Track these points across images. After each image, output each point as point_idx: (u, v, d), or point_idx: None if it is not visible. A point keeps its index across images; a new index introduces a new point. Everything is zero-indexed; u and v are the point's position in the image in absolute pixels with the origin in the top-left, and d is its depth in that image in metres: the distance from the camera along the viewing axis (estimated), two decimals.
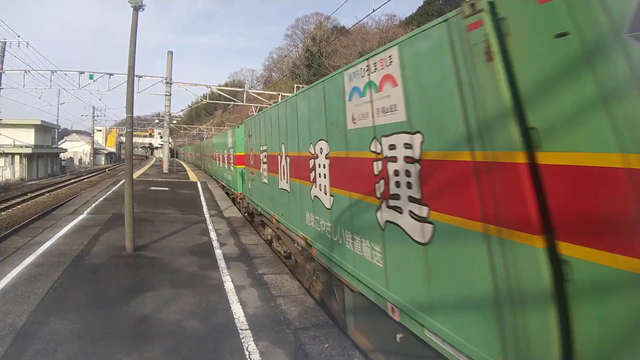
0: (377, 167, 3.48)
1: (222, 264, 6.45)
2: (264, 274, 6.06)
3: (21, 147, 30.69)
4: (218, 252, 7.11)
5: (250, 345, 3.84)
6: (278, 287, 5.48)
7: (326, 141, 4.67)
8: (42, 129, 35.29)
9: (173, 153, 54.44)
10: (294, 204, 6.17)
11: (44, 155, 35.47)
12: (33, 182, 28.75)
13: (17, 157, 30.52)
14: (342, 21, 59.73)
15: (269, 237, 8.51)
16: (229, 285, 5.47)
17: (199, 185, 18.72)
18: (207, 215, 10.93)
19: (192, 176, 24.63)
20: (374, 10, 13.14)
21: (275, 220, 7.25)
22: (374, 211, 3.54)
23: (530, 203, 2.05)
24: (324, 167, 4.77)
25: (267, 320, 4.43)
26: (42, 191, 21.39)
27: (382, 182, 3.42)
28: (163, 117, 28.56)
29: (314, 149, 5.07)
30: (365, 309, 4.04)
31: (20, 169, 30.58)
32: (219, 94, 32.51)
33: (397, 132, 3.18)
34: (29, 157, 31.62)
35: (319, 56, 49.42)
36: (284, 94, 27.34)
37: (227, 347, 3.79)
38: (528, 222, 2.07)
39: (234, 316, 4.48)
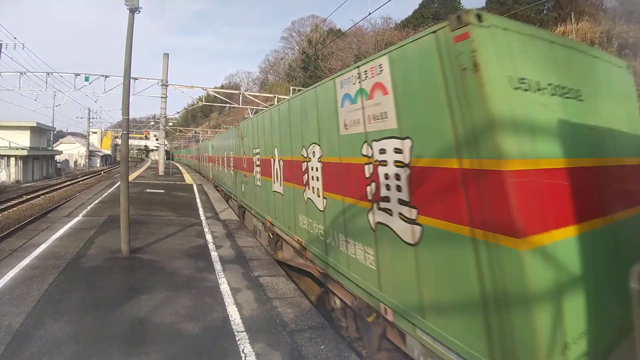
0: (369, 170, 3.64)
1: (218, 266, 6.47)
2: (260, 276, 6.09)
3: (17, 149, 30.52)
4: (214, 255, 7.13)
5: (246, 347, 3.87)
6: (274, 290, 5.52)
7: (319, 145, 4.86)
8: (38, 131, 35.12)
9: (169, 155, 54.26)
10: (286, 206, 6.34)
11: (40, 157, 35.28)
12: (28, 184, 28.56)
13: (12, 159, 30.35)
14: (338, 24, 59.99)
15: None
16: (225, 287, 5.50)
17: (194, 187, 18.69)
18: (203, 217, 10.93)
19: (188, 178, 24.59)
20: (369, 14, 13.27)
21: (269, 222, 7.42)
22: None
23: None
24: (317, 170, 4.92)
25: (263, 322, 4.47)
26: (38, 193, 21.26)
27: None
28: (159, 119, 28.45)
29: (307, 152, 5.23)
30: None
31: (15, 171, 30.41)
32: (215, 96, 32.52)
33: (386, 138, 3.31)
34: (24, 159, 31.44)
35: (315, 59, 49.49)
36: (280, 96, 27.36)
37: (223, 349, 3.82)
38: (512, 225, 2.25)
39: (230, 318, 4.51)
